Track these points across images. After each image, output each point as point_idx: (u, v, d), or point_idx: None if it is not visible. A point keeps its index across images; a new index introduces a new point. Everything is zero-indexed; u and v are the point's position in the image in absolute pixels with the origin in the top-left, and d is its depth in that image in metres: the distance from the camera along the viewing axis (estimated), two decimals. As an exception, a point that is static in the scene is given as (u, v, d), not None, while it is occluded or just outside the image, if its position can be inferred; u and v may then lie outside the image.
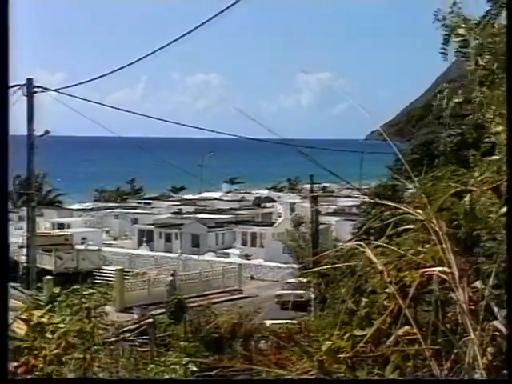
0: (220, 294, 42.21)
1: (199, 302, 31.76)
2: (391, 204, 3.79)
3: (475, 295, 3.30)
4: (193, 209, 69.36)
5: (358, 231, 28.57)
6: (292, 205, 66.97)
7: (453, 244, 3.40)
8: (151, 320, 23.64)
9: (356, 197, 47.51)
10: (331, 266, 4.04)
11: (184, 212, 67.13)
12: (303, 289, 32.44)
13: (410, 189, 4.96)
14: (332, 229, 47.67)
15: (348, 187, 54.42)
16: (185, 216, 63.70)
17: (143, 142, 56.85)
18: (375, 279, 3.50)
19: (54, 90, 29.98)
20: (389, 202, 3.85)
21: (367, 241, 3.69)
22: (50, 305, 7.03)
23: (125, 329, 20.03)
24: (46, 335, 5.31)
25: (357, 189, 32.26)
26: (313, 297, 29.03)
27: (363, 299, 3.52)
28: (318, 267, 4.51)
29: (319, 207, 40.32)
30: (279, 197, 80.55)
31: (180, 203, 75.91)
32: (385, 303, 3.38)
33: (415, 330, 3.20)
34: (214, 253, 54.55)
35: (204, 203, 74.88)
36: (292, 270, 41.50)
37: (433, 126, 38.76)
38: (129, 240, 60.90)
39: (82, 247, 52.19)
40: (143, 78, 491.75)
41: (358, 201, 44.69)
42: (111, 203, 79.95)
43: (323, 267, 4.28)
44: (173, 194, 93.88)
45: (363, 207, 34.85)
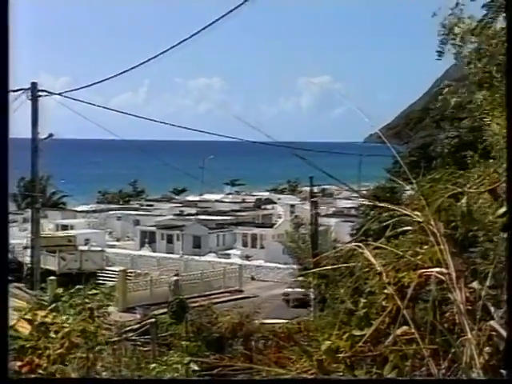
0: (221, 295, 42.22)
1: (200, 302, 31.74)
2: (389, 206, 3.79)
3: (472, 295, 3.30)
4: (194, 210, 69.36)
5: (357, 232, 28.57)
6: (292, 207, 66.96)
7: (450, 245, 3.40)
8: (153, 320, 23.66)
9: (355, 198, 47.52)
10: (330, 267, 4.04)
11: (185, 214, 67.13)
12: (309, 287, 32.44)
13: (408, 190, 4.96)
14: (331, 230, 47.63)
15: (347, 189, 54.50)
16: (186, 217, 63.70)
17: (146, 145, 56.92)
18: (374, 280, 3.50)
19: (58, 94, 30.09)
20: (387, 204, 3.85)
21: (366, 242, 3.69)
22: (54, 305, 7.03)
23: (127, 328, 20.05)
24: (50, 335, 5.31)
25: (355, 191, 32.25)
26: (312, 297, 29.06)
27: (362, 300, 3.52)
28: (318, 268, 4.50)
29: (319, 209, 40.33)
30: (279, 199, 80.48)
31: (182, 205, 75.90)
32: (383, 303, 3.38)
33: (413, 330, 3.20)
34: (215, 254, 54.55)
35: (205, 205, 74.87)
36: (292, 271, 41.47)
37: (430, 129, 38.75)
38: (131, 241, 60.92)
39: (86, 248, 52.19)
40: (146, 82, 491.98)
41: (357, 203, 44.66)
42: (114, 205, 79.92)
43: (323, 268, 4.28)
44: (174, 196, 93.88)
45: (362, 209, 34.84)
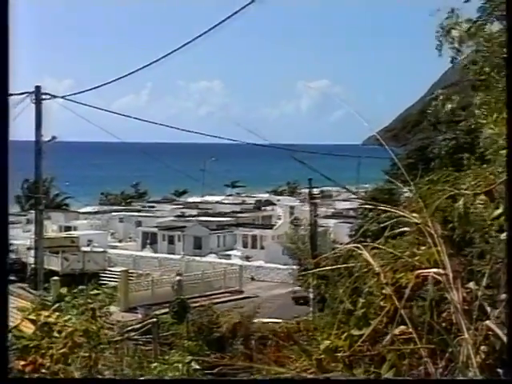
0: (221, 295, 42.21)
1: (201, 302, 31.74)
2: (387, 208, 3.79)
3: (469, 296, 3.29)
4: (195, 212, 69.38)
5: (356, 234, 28.56)
6: (291, 208, 66.95)
7: (447, 246, 3.40)
8: (155, 320, 23.65)
9: (353, 200, 47.51)
10: (330, 268, 4.04)
11: (187, 215, 67.13)
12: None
13: (406, 192, 4.96)
14: (330, 231, 47.63)
15: (346, 191, 54.50)
16: (187, 219, 63.70)
17: (148, 147, 56.88)
18: (372, 280, 3.50)
19: (61, 97, 30.10)
20: (385, 206, 3.85)
21: (364, 243, 3.69)
22: (57, 305, 7.03)
23: (129, 328, 20.04)
24: (53, 335, 5.30)
25: (354, 192, 32.24)
26: (311, 297, 29.06)
27: (360, 300, 3.52)
28: (317, 269, 4.50)
29: (318, 210, 40.34)
30: (279, 200, 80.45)
31: (183, 206, 75.93)
32: (381, 304, 3.38)
33: (411, 330, 3.20)
34: (216, 254, 54.55)
35: (206, 206, 74.89)
36: (292, 271, 41.47)
37: (427, 132, 38.76)
38: (133, 242, 60.95)
39: (88, 249, 52.19)
40: (148, 85, 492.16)
41: (356, 204, 44.67)
42: (116, 206, 79.93)
43: (322, 269, 4.27)
44: (176, 198, 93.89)
45: (360, 210, 34.83)
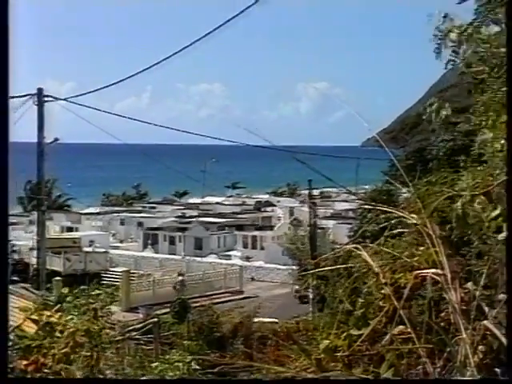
0: (222, 295, 42.17)
1: (202, 302, 31.73)
2: (387, 209, 3.79)
3: (467, 296, 3.29)
4: (196, 213, 69.34)
5: (355, 234, 28.54)
6: (291, 209, 66.94)
7: (446, 247, 3.39)
8: (156, 319, 23.65)
9: (353, 201, 47.48)
10: (329, 268, 4.04)
11: (187, 216, 67.10)
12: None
13: (405, 193, 4.95)
14: (329, 232, 47.61)
15: (345, 192, 54.46)
16: (188, 220, 63.69)
17: (149, 149, 56.93)
18: (371, 281, 3.50)
19: (63, 99, 30.07)
20: (384, 207, 3.85)
21: (363, 244, 3.68)
22: (59, 305, 7.03)
23: (130, 328, 20.03)
24: (55, 334, 5.30)
25: (354, 193, 32.23)
26: (311, 297, 29.03)
27: (359, 300, 3.52)
28: (316, 269, 4.50)
29: (317, 211, 40.31)
30: (279, 201, 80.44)
31: (184, 207, 75.89)
32: (380, 304, 3.38)
33: (409, 330, 3.20)
34: (216, 255, 54.53)
35: (207, 207, 74.86)
36: (291, 272, 41.45)
37: (426, 134, 38.76)
38: (134, 243, 60.93)
39: (90, 249, 52.17)
40: (149, 88, 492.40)
41: (355, 205, 44.63)
42: (118, 207, 79.90)
43: (321, 269, 4.27)
44: (177, 199, 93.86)
45: (359, 211, 34.81)
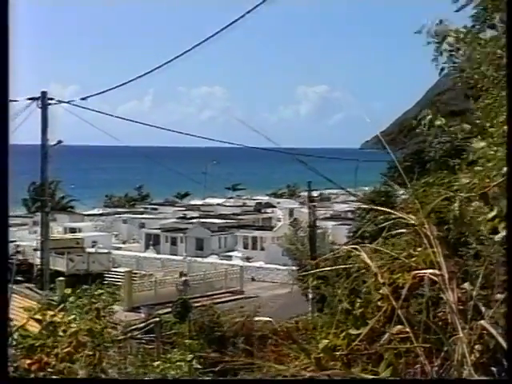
0: (222, 295, 42.15)
1: (203, 302, 31.72)
2: (385, 209, 3.78)
3: (464, 296, 3.29)
4: (197, 214, 69.34)
5: (354, 235, 28.53)
6: (291, 210, 66.94)
7: (443, 247, 3.39)
8: (157, 319, 23.64)
9: (351, 202, 47.48)
10: (328, 269, 4.03)
11: (189, 217, 67.10)
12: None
13: (403, 195, 4.96)
14: (329, 233, 47.58)
15: (344, 193, 54.45)
16: (189, 221, 63.69)
17: (151, 151, 56.91)
18: (370, 281, 3.50)
19: (67, 102, 30.07)
20: (383, 208, 3.84)
21: (362, 244, 3.68)
22: (62, 304, 7.02)
23: (133, 327, 20.03)
24: (58, 334, 5.30)
25: (352, 195, 32.23)
26: (310, 297, 29.00)
27: (358, 300, 3.52)
28: (316, 269, 4.50)
29: (316, 212, 40.29)
30: (279, 203, 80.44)
31: (185, 209, 75.86)
32: (379, 303, 3.37)
33: (407, 329, 3.19)
34: (217, 255, 54.52)
35: (208, 209, 74.85)
36: (291, 272, 41.41)
37: (423, 136, 38.70)
38: (136, 243, 60.92)
39: (93, 250, 52.15)
40: (151, 91, 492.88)
41: (354, 206, 44.64)
42: (120, 209, 79.91)
43: (321, 269, 4.27)
44: (178, 200, 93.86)
45: (358, 212, 34.79)
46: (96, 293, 7.98)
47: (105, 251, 52.00)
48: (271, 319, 25.18)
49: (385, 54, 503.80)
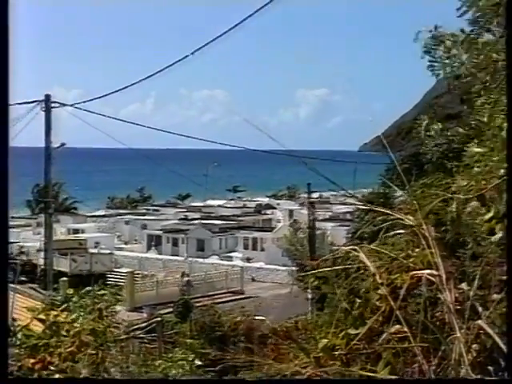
0: (223, 295, 42.16)
1: (204, 302, 31.71)
2: (384, 210, 3.78)
3: (461, 296, 3.29)
4: (198, 215, 69.34)
5: (352, 236, 28.52)
6: (291, 211, 66.94)
7: (441, 248, 3.39)
8: (159, 319, 23.62)
9: (350, 204, 47.37)
10: (328, 269, 4.03)
11: (190, 218, 67.11)
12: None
13: (400, 196, 4.95)
14: (328, 234, 47.58)
15: (343, 194, 54.42)
16: (191, 222, 63.70)
17: (152, 153, 56.88)
18: (368, 281, 3.49)
19: (70, 105, 30.10)
20: (382, 209, 3.84)
21: (361, 245, 3.68)
22: (66, 304, 7.02)
23: (135, 327, 20.00)
24: (62, 333, 5.29)
25: (355, 196, 32.14)
26: (310, 297, 28.99)
27: (357, 300, 3.51)
28: (315, 270, 4.49)
29: (316, 214, 40.30)
30: (279, 204, 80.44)
31: (186, 210, 75.88)
32: (377, 303, 3.37)
33: (405, 329, 3.19)
34: (218, 256, 54.52)
35: (209, 210, 74.84)
36: (290, 272, 41.38)
37: (421, 138, 38.66)
38: (138, 244, 60.92)
39: (95, 251, 52.17)
40: (152, 94, 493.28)
41: (352, 208, 44.56)
42: (122, 210, 79.90)
43: (320, 270, 4.27)
44: (180, 202, 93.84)
45: (357, 213, 34.78)
46: (99, 293, 7.97)
47: (107, 252, 52.01)
48: (264, 318, 25.25)
49: (384, 56, 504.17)
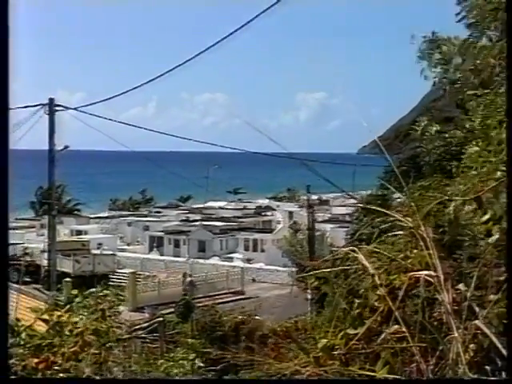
0: (224, 295, 42.13)
1: (205, 303, 31.69)
2: (383, 211, 3.78)
3: (458, 296, 3.29)
4: (199, 217, 69.29)
5: (351, 237, 28.49)
6: (290, 213, 66.91)
7: (438, 249, 3.39)
8: (161, 319, 23.61)
9: (349, 206, 47.42)
10: (327, 270, 4.03)
11: (191, 220, 67.09)
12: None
13: (398, 198, 4.95)
14: (327, 235, 47.55)
15: (342, 196, 54.42)
16: (192, 223, 63.68)
17: (154, 156, 56.86)
18: (367, 282, 3.49)
19: (73, 109, 30.07)
20: (380, 209, 3.84)
21: (360, 246, 3.68)
22: (69, 305, 7.01)
23: (137, 327, 19.99)
24: (65, 333, 5.29)
25: (355, 197, 32.14)
26: (309, 298, 28.95)
27: (356, 300, 3.51)
28: (315, 271, 4.49)
29: (315, 215, 40.30)
30: (278, 206, 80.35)
31: (187, 212, 75.86)
32: (376, 304, 3.37)
33: (404, 329, 3.19)
34: (219, 257, 54.49)
35: (209, 212, 74.80)
36: (290, 273, 41.37)
37: (419, 141, 38.64)
38: (141, 245, 60.90)
39: (98, 252, 52.12)
40: (154, 97, 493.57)
41: (351, 209, 44.55)
42: (125, 212, 79.87)
43: (319, 271, 4.27)
44: (181, 204, 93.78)
45: (356, 215, 34.77)
46: (101, 294, 7.96)
47: (110, 253, 51.96)
48: (259, 317, 25.24)
49: (382, 60, 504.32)
